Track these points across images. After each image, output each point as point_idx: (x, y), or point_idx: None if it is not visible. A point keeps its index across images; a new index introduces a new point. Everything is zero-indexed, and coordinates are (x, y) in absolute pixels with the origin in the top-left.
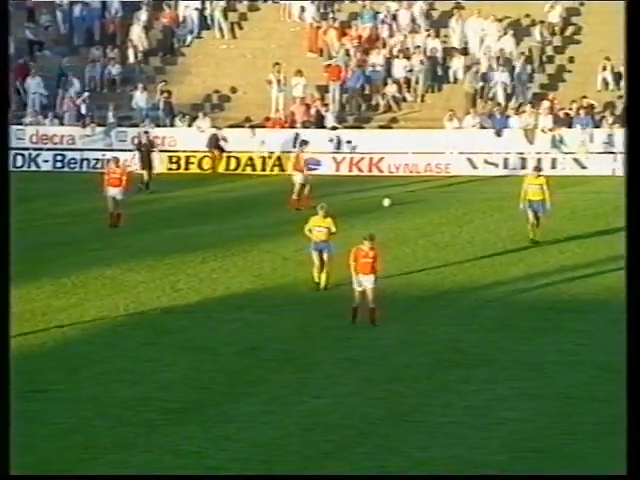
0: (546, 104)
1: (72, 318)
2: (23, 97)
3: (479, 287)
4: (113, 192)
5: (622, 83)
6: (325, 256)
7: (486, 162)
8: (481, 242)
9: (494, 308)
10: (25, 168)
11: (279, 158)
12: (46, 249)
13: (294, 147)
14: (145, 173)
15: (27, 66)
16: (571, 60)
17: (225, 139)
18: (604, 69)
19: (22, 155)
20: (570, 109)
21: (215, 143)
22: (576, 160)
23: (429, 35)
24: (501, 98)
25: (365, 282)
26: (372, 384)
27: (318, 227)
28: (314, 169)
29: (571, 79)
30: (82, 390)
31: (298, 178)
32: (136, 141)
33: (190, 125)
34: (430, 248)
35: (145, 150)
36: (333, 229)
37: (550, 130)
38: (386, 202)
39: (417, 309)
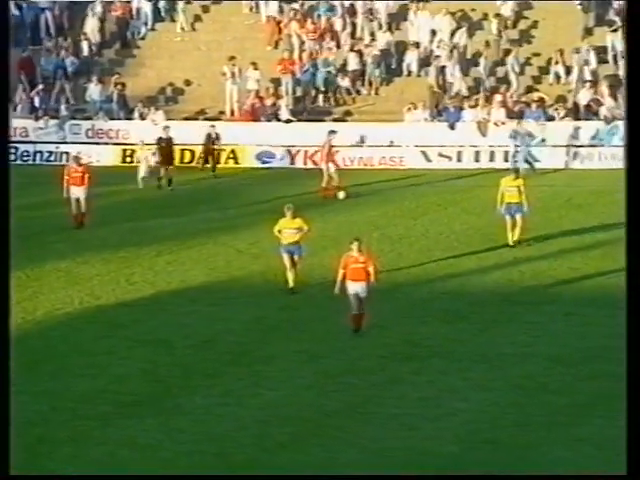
0: (498, 97)
1: (26, 311)
2: None
3: (432, 279)
4: (75, 192)
5: (572, 76)
6: (296, 257)
7: (440, 155)
8: (434, 235)
9: (447, 300)
10: None
11: (233, 151)
12: None
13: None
14: (164, 169)
15: (31, 60)
16: (524, 53)
17: (218, 137)
18: (556, 63)
19: None
20: (523, 102)
21: (211, 142)
22: (529, 153)
23: (384, 29)
24: (456, 91)
25: (357, 289)
26: (327, 377)
27: (288, 229)
28: (268, 162)
29: (524, 72)
30: (37, 384)
31: (328, 168)
32: (156, 136)
33: (143, 118)
34: (384, 241)
35: (165, 145)
36: (305, 228)
37: (502, 123)
38: (341, 195)
39: (371, 302)
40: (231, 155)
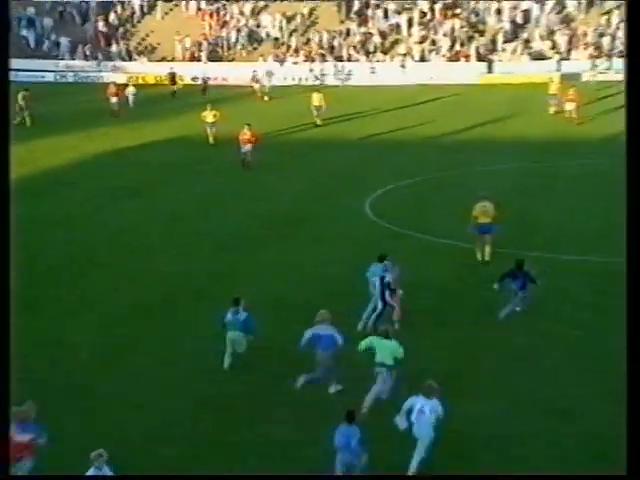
0: (303, 51)
1: (84, 152)
2: (61, 48)
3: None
4: (113, 99)
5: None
6: (213, 130)
7: (278, 79)
8: (281, 114)
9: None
10: (60, 81)
11: (180, 76)
12: (67, 118)
13: None
14: (174, 87)
15: (108, 35)
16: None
17: (209, 78)
18: (334, 32)
19: (59, 75)
20: (321, 54)
21: (205, 80)
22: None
23: (249, 19)
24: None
25: (247, 148)
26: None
27: (208, 115)
28: (196, 81)
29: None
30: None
31: (257, 86)
32: (167, 71)
33: (135, 60)
34: (251, 118)
35: (172, 77)
36: (218, 115)
37: (304, 61)
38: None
39: (254, 154)
40: (180, 79)
